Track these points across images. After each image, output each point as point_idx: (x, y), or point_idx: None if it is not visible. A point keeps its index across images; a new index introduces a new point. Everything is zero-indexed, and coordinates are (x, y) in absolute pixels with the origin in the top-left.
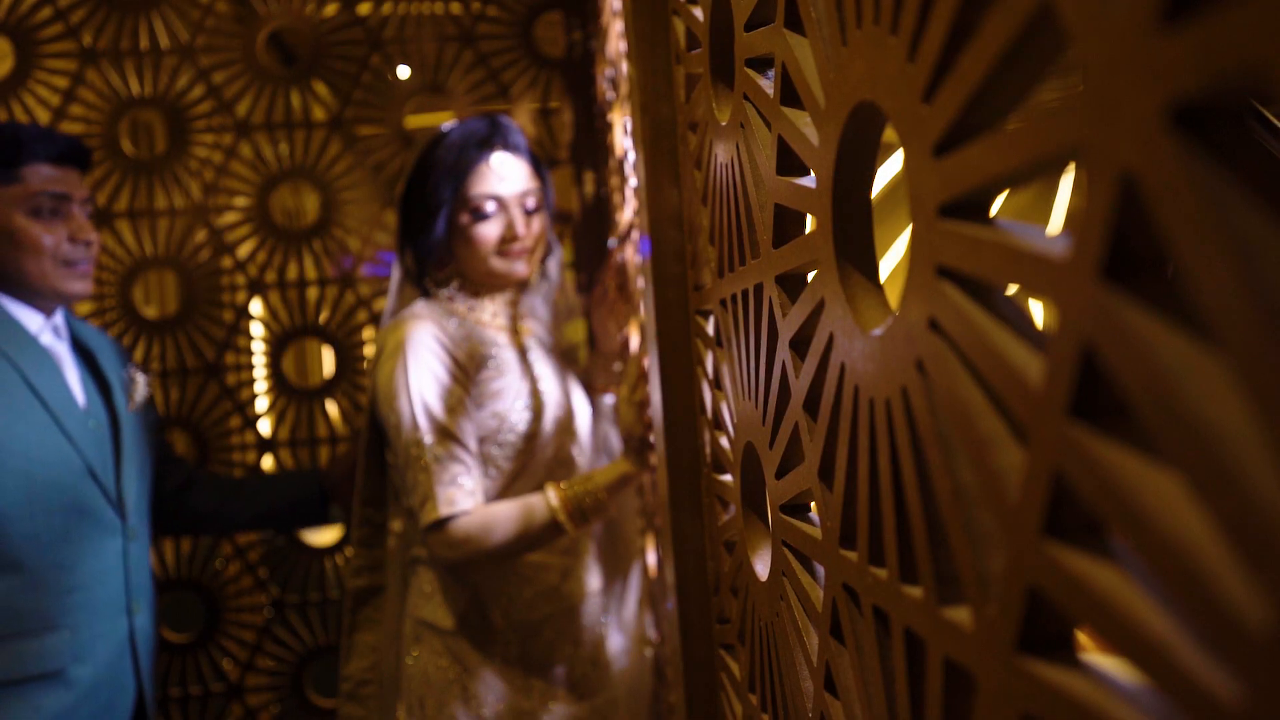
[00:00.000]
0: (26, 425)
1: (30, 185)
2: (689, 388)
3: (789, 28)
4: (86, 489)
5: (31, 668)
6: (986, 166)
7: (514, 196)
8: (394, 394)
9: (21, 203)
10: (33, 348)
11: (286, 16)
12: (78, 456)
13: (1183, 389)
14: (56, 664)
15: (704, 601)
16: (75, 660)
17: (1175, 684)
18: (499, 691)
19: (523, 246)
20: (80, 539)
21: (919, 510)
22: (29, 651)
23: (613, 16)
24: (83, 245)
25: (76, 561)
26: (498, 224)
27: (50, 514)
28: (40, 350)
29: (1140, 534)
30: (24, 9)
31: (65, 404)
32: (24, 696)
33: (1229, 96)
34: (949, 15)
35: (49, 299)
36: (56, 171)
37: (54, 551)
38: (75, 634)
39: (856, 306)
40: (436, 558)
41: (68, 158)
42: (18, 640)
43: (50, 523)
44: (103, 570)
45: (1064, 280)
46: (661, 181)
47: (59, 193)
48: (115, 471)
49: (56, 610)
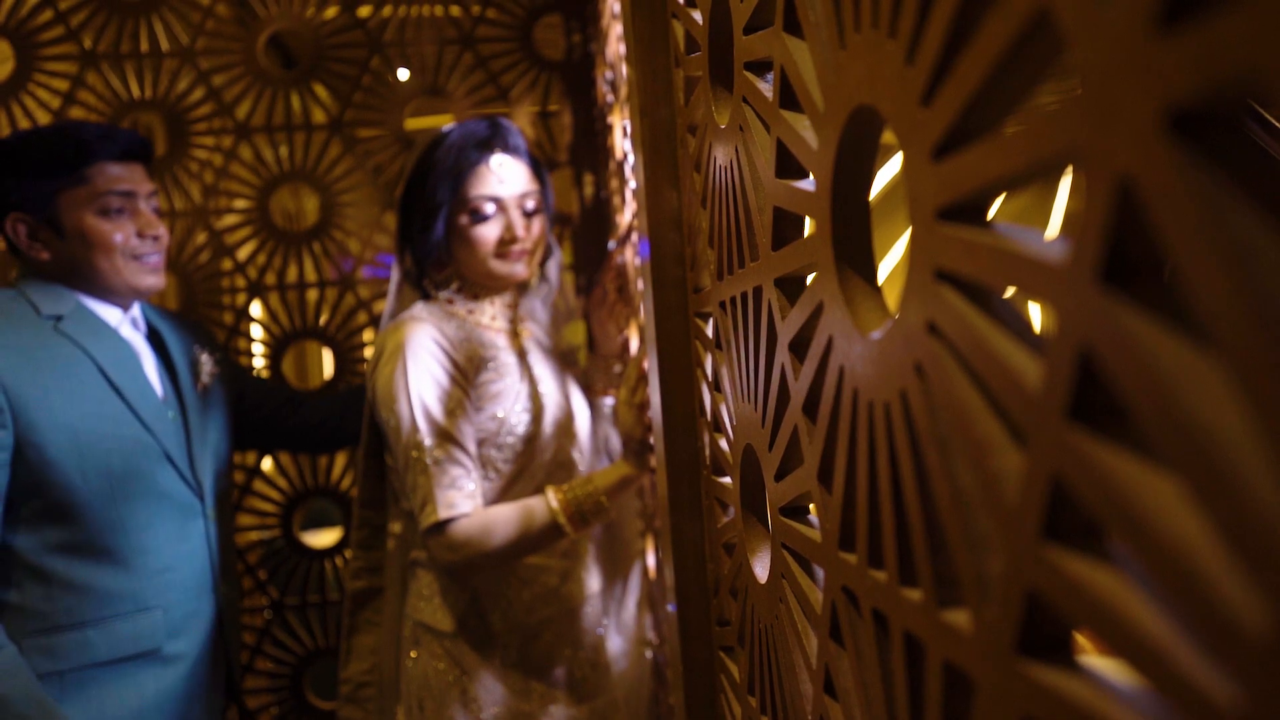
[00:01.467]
0: (106, 417)
1: (97, 185)
2: (688, 390)
3: (788, 31)
4: (166, 475)
5: (129, 647)
6: (985, 170)
7: (513, 198)
8: (393, 396)
9: (90, 203)
10: (112, 340)
11: (286, 19)
12: (156, 445)
13: (1181, 393)
14: (153, 643)
15: (703, 604)
16: (170, 638)
17: (1173, 687)
18: (498, 694)
19: (522, 248)
20: (164, 522)
21: (918, 513)
22: (126, 632)
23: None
24: (151, 239)
25: (163, 544)
26: (497, 226)
27: (132, 500)
28: (120, 343)
29: (1139, 537)
30: (24, 11)
31: (143, 395)
32: (125, 675)
33: (1227, 101)
34: (947, 18)
35: (124, 295)
36: (121, 169)
37: (139, 536)
38: (168, 613)
39: (855, 309)
40: (436, 560)
41: (131, 154)
42: (115, 622)
43: (133, 509)
44: (188, 551)
45: (1062, 284)
46: (661, 184)
47: (125, 190)
48: (189, 455)
49: (149, 591)
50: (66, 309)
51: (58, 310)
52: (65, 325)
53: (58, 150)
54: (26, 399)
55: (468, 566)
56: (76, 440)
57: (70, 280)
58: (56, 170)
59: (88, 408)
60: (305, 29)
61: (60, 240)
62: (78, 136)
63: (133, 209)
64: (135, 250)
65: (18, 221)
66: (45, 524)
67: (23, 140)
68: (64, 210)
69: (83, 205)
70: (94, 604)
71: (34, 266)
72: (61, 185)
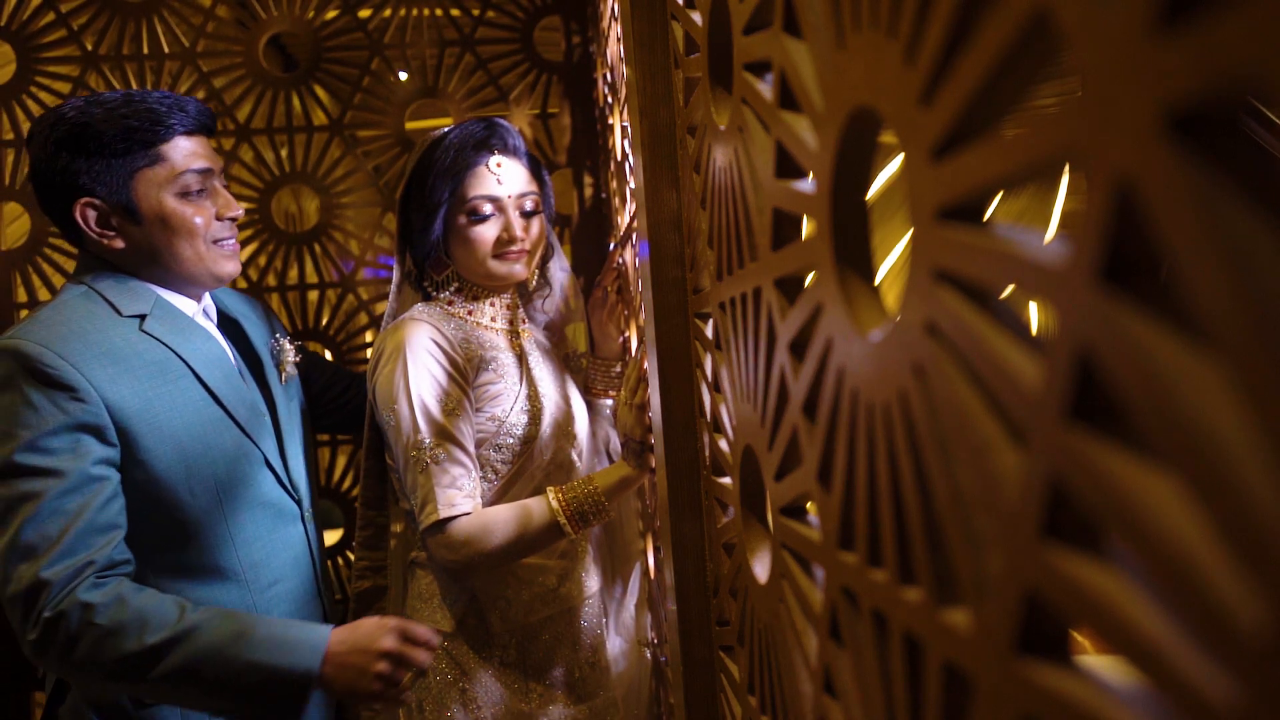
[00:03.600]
0: (207, 426)
1: (175, 164)
2: (688, 390)
3: (787, 32)
4: (266, 482)
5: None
6: (985, 170)
7: (511, 198)
8: (393, 396)
9: (169, 184)
10: (200, 339)
11: (287, 21)
12: (257, 451)
13: (1179, 393)
14: None
15: (703, 604)
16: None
17: (1172, 686)
18: (497, 694)
19: (520, 249)
20: (270, 533)
21: (918, 513)
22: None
23: (612, 21)
24: (229, 222)
25: (272, 556)
26: (495, 226)
27: (239, 513)
28: (208, 341)
29: (1137, 537)
30: (26, 13)
31: (238, 398)
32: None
33: (1227, 101)
34: (947, 19)
35: (202, 284)
36: (195, 144)
37: (249, 550)
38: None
39: (854, 310)
40: (436, 560)
41: (204, 126)
42: None
43: (241, 522)
44: (293, 559)
45: (1062, 284)
46: (660, 185)
47: (203, 168)
48: (281, 456)
49: (263, 606)
50: (147, 306)
51: (139, 309)
52: (150, 326)
53: (131, 125)
54: (129, 413)
55: (467, 566)
56: (183, 454)
57: (144, 271)
58: (131, 148)
59: (189, 417)
60: (306, 31)
61: (136, 226)
62: (150, 111)
63: (211, 189)
64: (216, 234)
65: (87, 207)
66: (155, 548)
67: (89, 114)
68: (140, 193)
69: (162, 186)
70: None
71: (103, 257)
72: (138, 165)
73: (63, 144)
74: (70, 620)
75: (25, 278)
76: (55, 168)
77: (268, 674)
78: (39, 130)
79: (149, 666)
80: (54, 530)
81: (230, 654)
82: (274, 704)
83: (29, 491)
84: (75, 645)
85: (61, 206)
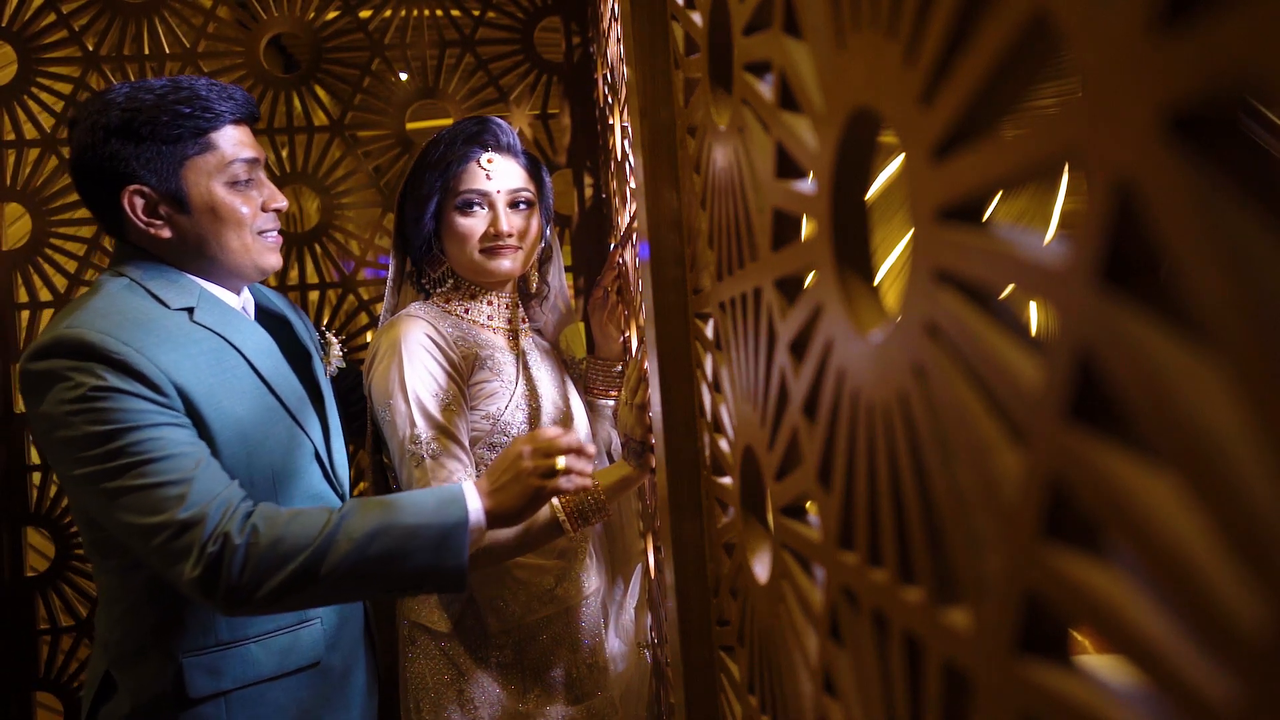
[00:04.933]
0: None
1: (225, 153)
2: (688, 390)
3: (787, 32)
4: (316, 475)
5: (292, 661)
6: (985, 170)
7: (500, 194)
8: (389, 392)
9: (219, 173)
10: (249, 329)
11: (288, 22)
12: (309, 442)
13: (1179, 393)
14: (314, 655)
15: (703, 603)
16: (328, 650)
17: (1172, 686)
18: (495, 695)
19: (508, 244)
20: None
21: (918, 513)
22: (289, 646)
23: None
24: (273, 213)
25: None
26: (483, 220)
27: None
28: (257, 332)
29: (1137, 536)
30: (27, 14)
31: (290, 388)
32: (286, 690)
33: (1227, 101)
34: (947, 19)
35: (245, 276)
36: (241, 133)
37: None
38: (324, 624)
39: (855, 310)
40: None
41: (250, 115)
42: (278, 636)
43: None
44: None
45: (1062, 285)
46: (660, 185)
47: (251, 157)
48: (328, 449)
49: None
50: (193, 299)
51: (186, 302)
52: (200, 318)
53: (182, 112)
54: (197, 396)
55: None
56: (246, 441)
57: (188, 262)
58: (182, 135)
59: (249, 403)
60: (306, 31)
61: (185, 216)
62: (202, 98)
63: (257, 179)
64: (261, 225)
65: (135, 195)
66: None
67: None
68: (190, 181)
69: (211, 175)
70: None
71: (145, 247)
72: (188, 153)
73: (112, 130)
74: (231, 547)
75: (25, 278)
76: (103, 154)
77: (434, 532)
78: (84, 116)
79: (317, 566)
80: (184, 476)
81: (389, 526)
82: (441, 562)
83: (143, 453)
84: (243, 570)
85: (106, 195)
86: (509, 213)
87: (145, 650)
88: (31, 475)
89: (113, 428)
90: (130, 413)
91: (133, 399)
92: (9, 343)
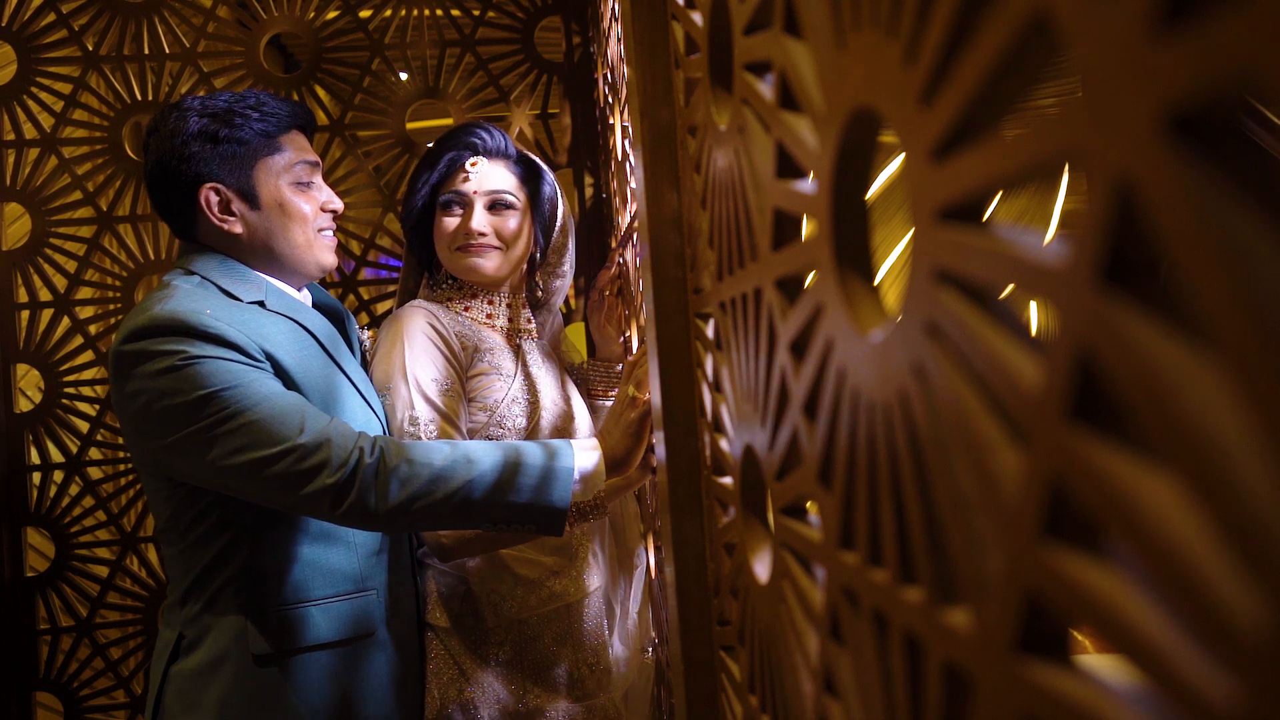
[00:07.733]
0: (341, 394)
1: (291, 155)
2: (688, 390)
3: (787, 32)
4: None
5: (350, 629)
6: (985, 170)
7: (478, 194)
8: (390, 375)
9: (286, 173)
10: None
11: (288, 21)
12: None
13: (1180, 393)
14: (371, 625)
15: (704, 603)
16: (385, 619)
17: (1172, 686)
18: (495, 692)
19: (481, 243)
20: None
21: (918, 513)
22: (347, 613)
23: (612, 21)
24: (331, 214)
25: None
26: (458, 219)
27: None
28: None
29: (1137, 537)
30: (27, 14)
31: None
32: (345, 659)
33: (1227, 101)
34: (947, 19)
35: (306, 272)
36: (303, 138)
37: None
38: (381, 594)
39: (855, 310)
40: (430, 544)
41: (311, 124)
42: (337, 602)
43: None
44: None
45: (1063, 285)
46: (661, 185)
47: (313, 160)
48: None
49: (368, 571)
50: (262, 293)
51: (256, 296)
52: (272, 306)
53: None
54: (287, 364)
55: (461, 545)
56: (330, 412)
57: (255, 257)
58: (255, 136)
59: (327, 381)
60: (306, 31)
61: (255, 212)
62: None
63: (316, 182)
64: (320, 224)
65: (211, 191)
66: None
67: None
68: (260, 179)
69: (279, 174)
70: (319, 582)
71: (214, 245)
72: (261, 154)
73: (192, 134)
74: (364, 463)
75: (25, 278)
76: (184, 155)
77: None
78: (163, 124)
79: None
80: (299, 409)
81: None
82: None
83: (253, 396)
84: (374, 481)
85: (183, 195)
86: (484, 213)
87: (213, 611)
88: (31, 475)
89: (219, 386)
90: (232, 372)
91: (231, 363)
92: (9, 343)
